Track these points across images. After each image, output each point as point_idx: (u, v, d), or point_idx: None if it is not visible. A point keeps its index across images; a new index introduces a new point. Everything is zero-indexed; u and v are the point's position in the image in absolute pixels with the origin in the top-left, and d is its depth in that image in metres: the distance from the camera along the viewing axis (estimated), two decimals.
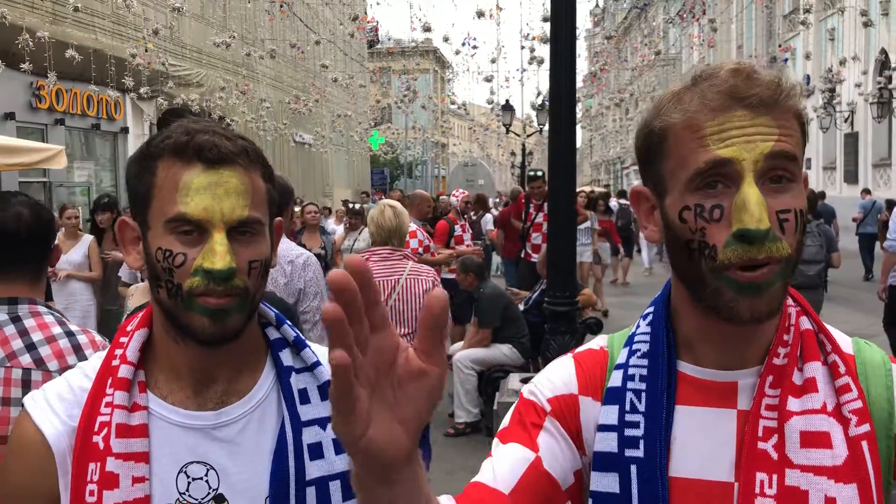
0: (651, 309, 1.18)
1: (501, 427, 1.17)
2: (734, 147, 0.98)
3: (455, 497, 1.07)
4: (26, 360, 1.88)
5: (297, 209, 10.66)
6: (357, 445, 0.70)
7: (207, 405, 1.16)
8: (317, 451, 1.17)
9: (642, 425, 1.07)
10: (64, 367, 1.88)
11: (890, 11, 19.40)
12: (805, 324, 1.09)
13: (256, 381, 1.20)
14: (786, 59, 21.89)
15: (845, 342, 1.11)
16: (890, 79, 17.82)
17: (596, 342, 1.24)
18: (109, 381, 1.14)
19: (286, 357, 1.22)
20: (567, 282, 4.48)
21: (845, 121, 22.76)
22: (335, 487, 1.17)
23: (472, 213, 12.61)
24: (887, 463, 1.03)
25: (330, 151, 30.53)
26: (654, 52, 17.87)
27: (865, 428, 1.01)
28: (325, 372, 1.21)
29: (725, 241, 0.98)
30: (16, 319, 1.94)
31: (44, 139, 13.89)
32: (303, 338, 1.26)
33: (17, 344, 1.90)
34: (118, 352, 1.17)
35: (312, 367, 1.23)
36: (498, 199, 18.91)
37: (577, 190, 12.32)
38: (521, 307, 7.33)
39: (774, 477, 0.99)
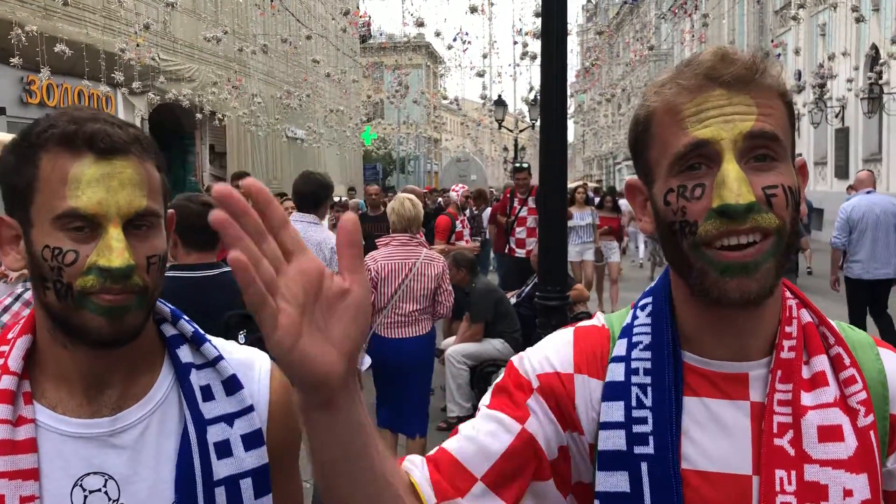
0: (649, 300, 1.15)
1: (488, 395, 1.15)
2: (712, 127, 0.97)
3: (426, 457, 1.07)
4: None
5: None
6: (289, 358, 0.76)
7: (102, 412, 1.09)
8: (224, 449, 1.11)
9: (650, 420, 1.05)
10: None
11: (881, 7, 19.48)
12: (806, 317, 1.09)
13: (154, 381, 1.14)
14: (778, 55, 21.92)
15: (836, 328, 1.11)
16: (880, 74, 17.86)
17: (597, 319, 1.21)
18: None
19: (184, 354, 1.16)
20: (558, 276, 4.50)
21: (836, 116, 22.83)
22: (246, 485, 1.12)
23: (472, 208, 12.58)
24: (883, 443, 1.04)
25: (322, 147, 30.48)
26: (647, 47, 17.87)
27: (871, 418, 1.02)
28: (229, 366, 1.17)
29: (705, 216, 0.97)
30: None
31: None
32: (202, 332, 1.20)
33: None
34: None
35: (214, 362, 1.17)
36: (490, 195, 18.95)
37: (578, 185, 12.12)
38: (514, 300, 7.35)
39: (793, 473, 1.00)
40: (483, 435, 1.08)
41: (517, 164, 9.84)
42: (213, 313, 2.56)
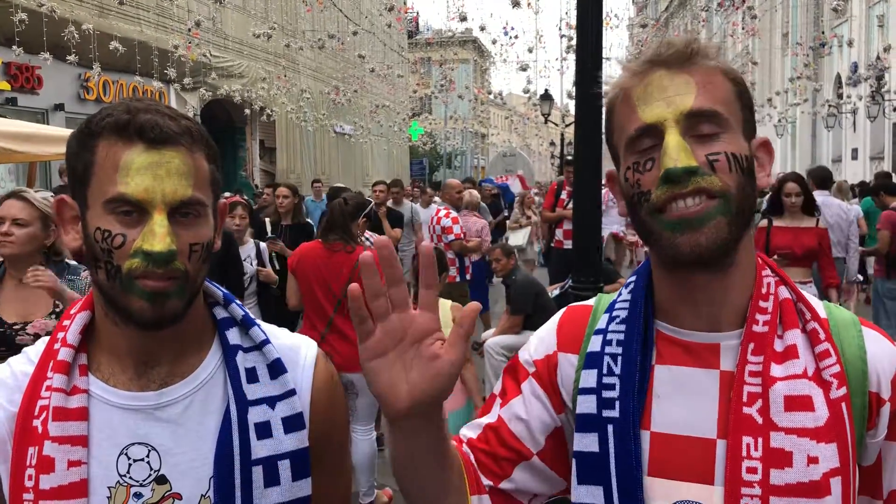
0: (633, 278, 1.23)
1: (499, 382, 1.28)
2: (657, 110, 1.07)
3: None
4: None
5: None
6: (363, 368, 0.95)
7: (150, 386, 1.14)
8: (264, 431, 1.15)
9: (618, 387, 1.13)
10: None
11: None
12: (784, 293, 1.14)
13: (202, 361, 1.18)
14: (830, 46, 21.39)
15: (818, 307, 1.16)
16: None
17: (591, 300, 1.30)
18: (51, 364, 1.12)
19: (233, 336, 1.20)
20: (591, 266, 4.53)
21: (894, 109, 22.18)
22: (284, 467, 1.15)
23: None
24: (861, 418, 1.08)
25: (370, 142, 30.72)
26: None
27: (843, 391, 1.06)
28: (274, 350, 1.21)
29: (657, 185, 1.05)
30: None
31: None
32: (251, 316, 1.24)
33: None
34: (60, 335, 1.15)
35: (261, 346, 1.21)
36: (538, 190, 18.88)
37: None
38: (557, 292, 7.36)
39: (760, 440, 1.04)
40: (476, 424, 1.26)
41: (569, 158, 9.76)
42: None
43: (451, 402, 4.09)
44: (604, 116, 1.19)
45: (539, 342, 1.26)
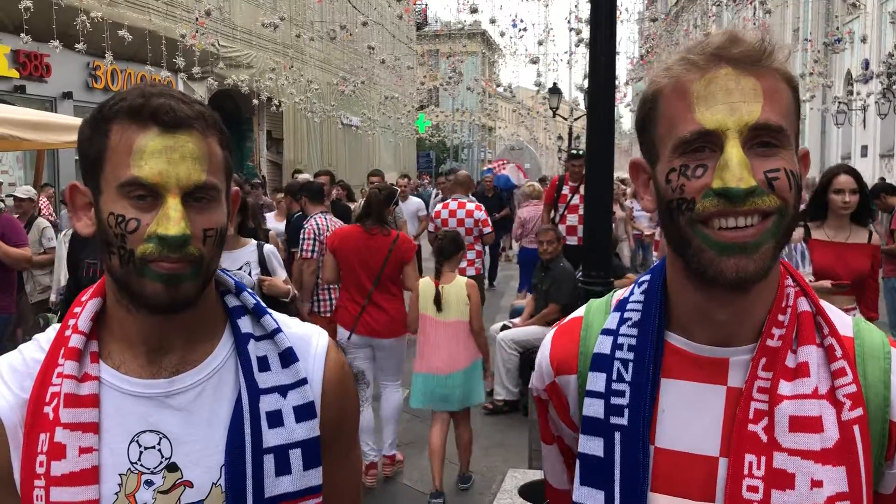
0: (648, 277, 1.18)
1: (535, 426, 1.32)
2: (718, 115, 0.97)
3: None
4: None
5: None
6: None
7: (162, 374, 1.14)
8: (276, 419, 1.15)
9: (628, 394, 1.09)
10: None
11: None
12: (803, 305, 1.08)
13: (213, 349, 1.18)
14: (844, 42, 21.23)
15: (844, 324, 1.09)
16: None
17: (580, 309, 1.27)
18: (62, 351, 1.12)
19: (245, 324, 1.20)
20: (602, 262, 4.49)
21: None
22: (295, 456, 1.15)
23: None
24: (880, 445, 1.03)
25: (377, 134, 30.67)
26: (703, 34, 17.43)
27: (858, 412, 1.01)
28: (286, 339, 1.21)
29: (703, 193, 0.98)
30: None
31: None
32: (263, 305, 1.24)
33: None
34: (71, 322, 1.15)
35: (273, 335, 1.20)
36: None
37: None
38: None
39: (763, 459, 1.01)
40: (551, 466, 1.35)
41: (573, 152, 9.63)
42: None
43: (461, 361, 4.77)
44: (642, 100, 1.10)
45: (539, 372, 1.25)
